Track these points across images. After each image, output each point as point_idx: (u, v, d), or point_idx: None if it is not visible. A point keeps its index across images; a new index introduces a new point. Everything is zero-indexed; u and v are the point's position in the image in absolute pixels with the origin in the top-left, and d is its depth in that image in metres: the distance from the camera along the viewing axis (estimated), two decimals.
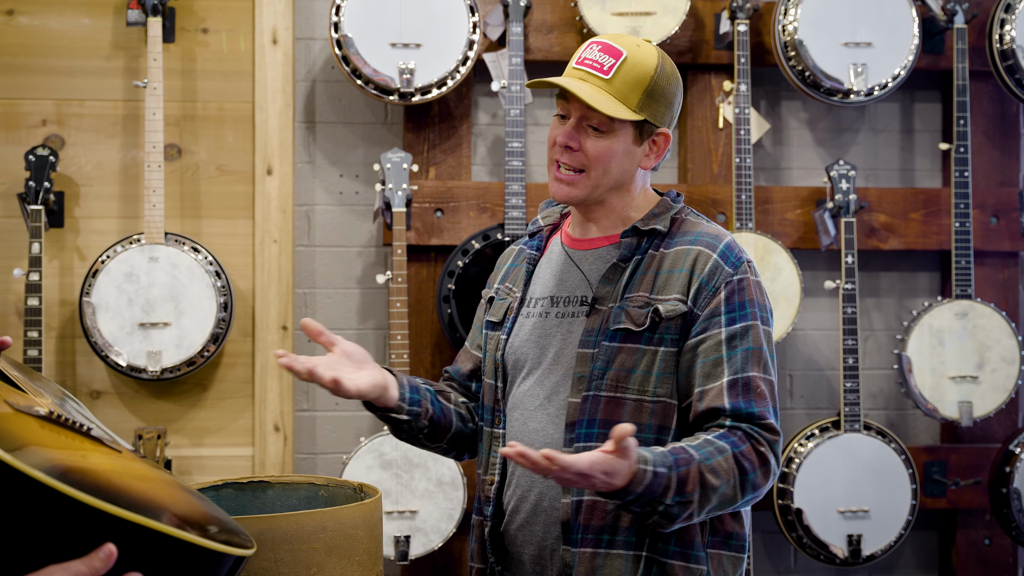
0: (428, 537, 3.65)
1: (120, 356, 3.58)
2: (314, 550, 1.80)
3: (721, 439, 1.92)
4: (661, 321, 1.98)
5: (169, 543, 1.35)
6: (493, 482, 2.11)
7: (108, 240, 3.74)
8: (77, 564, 1.28)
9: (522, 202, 3.74)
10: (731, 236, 2.07)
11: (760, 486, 1.95)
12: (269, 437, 3.81)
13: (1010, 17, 3.88)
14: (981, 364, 3.86)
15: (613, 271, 2.05)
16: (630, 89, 2.02)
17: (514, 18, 3.78)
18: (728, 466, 1.90)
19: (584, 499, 1.98)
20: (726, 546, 2.02)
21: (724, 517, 2.01)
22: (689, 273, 2.00)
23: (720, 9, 3.94)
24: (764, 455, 1.94)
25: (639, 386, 1.98)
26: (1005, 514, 3.89)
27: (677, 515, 1.88)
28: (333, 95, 3.95)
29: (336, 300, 3.93)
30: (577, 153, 2.04)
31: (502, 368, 2.14)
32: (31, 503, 1.26)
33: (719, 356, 1.97)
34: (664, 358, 1.98)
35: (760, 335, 2.00)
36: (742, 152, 3.78)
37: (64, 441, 1.45)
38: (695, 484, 1.87)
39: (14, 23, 3.80)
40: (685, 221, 2.10)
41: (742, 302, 1.99)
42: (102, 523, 1.30)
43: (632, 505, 1.86)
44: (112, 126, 3.82)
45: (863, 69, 3.81)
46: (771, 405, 1.98)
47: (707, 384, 1.96)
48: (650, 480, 1.83)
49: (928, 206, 4.02)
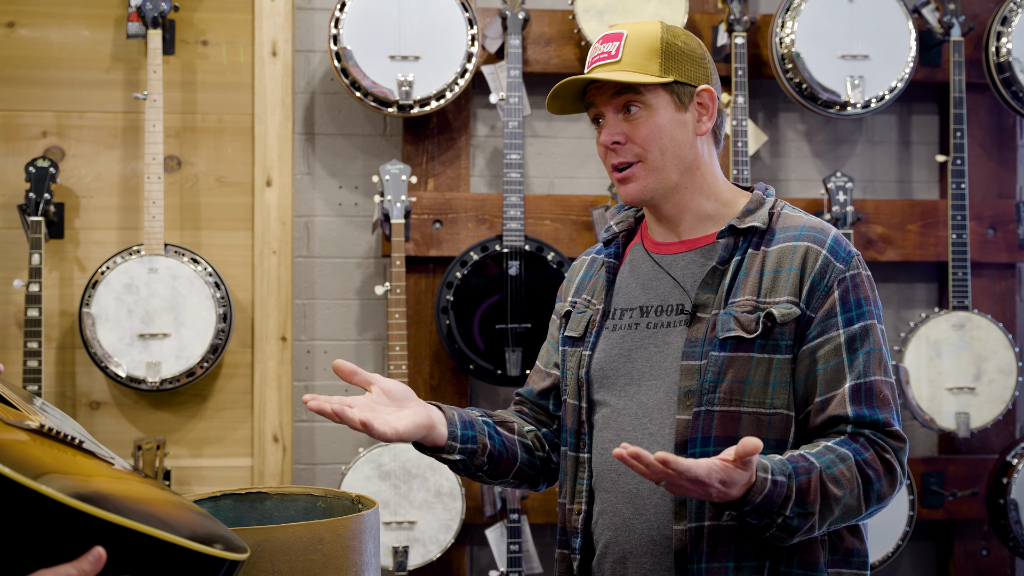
0: (426, 548, 3.65)
1: (120, 367, 3.59)
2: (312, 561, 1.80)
3: (843, 446, 1.79)
4: (775, 326, 1.83)
5: (158, 546, 1.36)
6: (581, 511, 1.96)
7: (108, 251, 3.76)
8: (67, 568, 1.29)
9: (520, 214, 3.75)
10: (836, 229, 1.92)
11: (885, 496, 1.82)
12: (268, 448, 3.82)
13: (1006, 30, 3.90)
14: (978, 375, 3.87)
15: (712, 275, 1.89)
16: (645, 59, 1.89)
17: (512, 31, 3.80)
18: (851, 475, 1.77)
19: (705, 524, 1.82)
20: (847, 564, 1.88)
21: (843, 533, 1.88)
22: (799, 272, 1.85)
23: (718, 22, 3.96)
24: (890, 462, 1.81)
25: (756, 398, 1.83)
26: (1003, 525, 3.90)
27: (797, 528, 1.75)
28: (332, 107, 3.97)
29: (335, 311, 3.95)
30: (626, 145, 1.91)
31: (587, 386, 1.97)
32: (20, 509, 1.28)
33: (840, 361, 1.82)
34: (780, 366, 1.83)
35: (879, 335, 1.86)
36: (740, 164, 3.79)
37: (55, 453, 1.47)
38: (816, 494, 1.74)
39: (15, 35, 3.82)
40: (783, 215, 1.94)
41: (858, 300, 1.85)
42: (90, 527, 1.31)
43: (749, 517, 1.73)
44: (112, 138, 3.83)
45: (860, 81, 3.83)
46: (895, 410, 1.84)
47: (829, 392, 1.82)
48: (769, 490, 1.69)
49: (925, 218, 4.03)
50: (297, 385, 3.91)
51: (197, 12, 3.86)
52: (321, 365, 3.93)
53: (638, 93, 1.90)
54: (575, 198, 3.93)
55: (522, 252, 3.76)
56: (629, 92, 1.90)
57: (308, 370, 3.93)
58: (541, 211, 3.90)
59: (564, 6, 3.96)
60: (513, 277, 3.75)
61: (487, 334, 3.74)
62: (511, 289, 3.74)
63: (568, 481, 2.00)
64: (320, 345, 3.93)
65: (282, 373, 3.83)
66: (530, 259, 3.75)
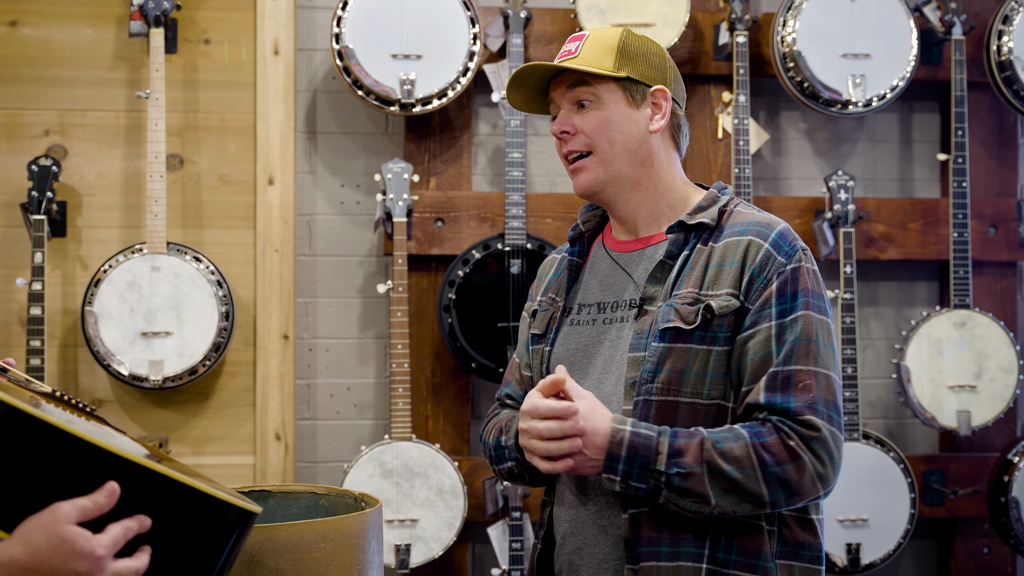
0: (428, 545, 3.66)
1: (122, 365, 3.60)
2: (315, 559, 1.81)
3: (744, 428, 1.81)
4: (713, 318, 1.85)
5: (174, 489, 1.43)
6: (547, 503, 2.04)
7: (110, 249, 3.76)
8: (83, 500, 1.37)
9: (522, 212, 3.75)
10: (784, 224, 1.93)
11: (794, 483, 1.79)
12: (270, 446, 3.83)
13: (1008, 29, 3.90)
14: (979, 373, 3.87)
15: (661, 269, 1.94)
16: (600, 55, 1.95)
17: (514, 29, 3.80)
18: (743, 453, 1.78)
19: (644, 510, 1.85)
20: (798, 556, 1.88)
21: (792, 525, 1.88)
22: (740, 265, 1.87)
23: (719, 21, 3.96)
24: (793, 449, 1.79)
25: (692, 388, 1.86)
26: (1004, 523, 3.90)
27: (684, 489, 1.77)
28: (334, 105, 3.97)
29: (337, 309, 3.95)
30: (576, 136, 1.97)
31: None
32: (45, 447, 1.37)
33: (768, 352, 1.83)
34: (718, 358, 1.86)
35: (813, 325, 1.85)
36: (741, 162, 3.79)
37: (69, 411, 1.57)
38: (696, 458, 1.77)
39: (17, 34, 3.82)
40: (735, 212, 1.96)
41: (795, 292, 1.86)
42: (108, 465, 1.39)
43: (631, 479, 1.78)
44: (114, 136, 3.84)
45: (862, 80, 3.83)
46: (818, 401, 1.81)
47: (752, 382, 1.84)
48: (630, 439, 1.78)
49: (926, 216, 4.03)
50: (299, 383, 3.92)
51: (199, 11, 3.86)
52: (323, 363, 3.94)
53: (590, 86, 1.96)
54: (577, 197, 3.92)
55: (524, 250, 3.76)
56: (582, 85, 1.96)
57: (310, 368, 3.93)
58: (543, 209, 3.91)
59: (566, 5, 3.96)
60: (515, 275, 3.75)
61: (489, 332, 3.75)
62: (513, 287, 3.74)
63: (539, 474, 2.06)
64: (322, 343, 3.94)
65: (284, 371, 3.84)
66: (532, 257, 3.76)
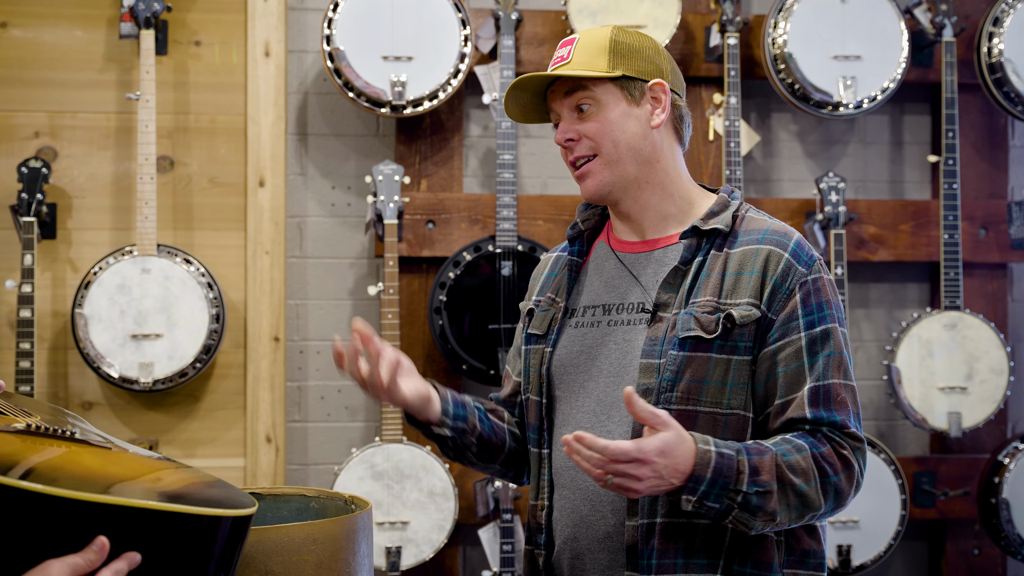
0: (419, 548, 3.65)
1: (112, 367, 3.59)
2: (305, 562, 1.81)
3: (799, 438, 1.81)
4: (734, 327, 1.84)
5: (153, 517, 1.38)
6: (544, 507, 1.98)
7: (100, 252, 3.75)
8: (74, 558, 1.35)
9: (513, 214, 3.75)
10: (798, 233, 1.93)
11: (844, 493, 1.82)
12: (261, 448, 3.82)
13: (998, 30, 3.91)
14: (970, 375, 3.88)
15: (674, 275, 1.90)
16: (593, 57, 1.93)
17: (505, 31, 3.80)
18: (807, 465, 1.78)
19: (657, 521, 1.83)
20: (803, 565, 1.88)
21: (800, 534, 1.88)
22: (761, 275, 1.86)
23: (710, 23, 3.96)
24: (847, 458, 1.82)
25: (713, 398, 1.84)
26: (994, 524, 3.91)
27: (759, 507, 1.75)
28: (325, 107, 3.97)
29: (328, 311, 3.95)
30: (580, 142, 1.94)
31: (548, 383, 1.99)
32: (16, 509, 1.32)
33: (800, 364, 1.84)
34: (738, 367, 1.84)
35: (840, 339, 1.87)
36: (732, 164, 3.80)
37: (44, 448, 1.50)
38: (771, 474, 1.75)
39: (7, 36, 3.81)
40: (747, 218, 1.95)
41: (819, 303, 1.86)
42: (92, 514, 1.35)
43: (707, 499, 1.74)
44: (105, 138, 3.83)
45: (852, 82, 3.84)
46: (853, 413, 1.86)
47: (789, 395, 1.84)
48: (717, 461, 1.72)
49: (917, 218, 4.04)
50: (290, 385, 3.91)
51: (190, 12, 3.86)
52: (314, 365, 3.93)
53: (587, 90, 1.93)
54: (568, 198, 3.93)
55: (515, 252, 3.76)
56: (579, 90, 1.93)
57: (301, 370, 3.93)
58: (534, 211, 3.91)
59: (557, 7, 3.96)
60: (506, 277, 3.75)
61: (480, 334, 3.75)
62: (504, 289, 3.74)
63: (533, 477, 2.02)
64: (313, 345, 3.93)
65: (275, 373, 3.83)
66: (523, 259, 3.76)
